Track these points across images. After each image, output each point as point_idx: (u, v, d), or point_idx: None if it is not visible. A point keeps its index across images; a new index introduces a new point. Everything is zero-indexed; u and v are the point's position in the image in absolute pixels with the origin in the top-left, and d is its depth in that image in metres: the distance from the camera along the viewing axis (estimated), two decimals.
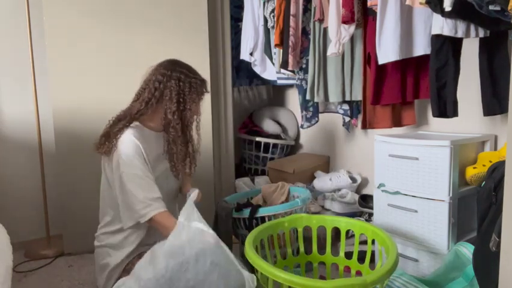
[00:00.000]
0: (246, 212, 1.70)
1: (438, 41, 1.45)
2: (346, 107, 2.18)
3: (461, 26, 1.38)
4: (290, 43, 2.04)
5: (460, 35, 1.39)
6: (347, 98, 2.04)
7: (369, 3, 1.61)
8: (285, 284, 1.04)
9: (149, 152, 1.40)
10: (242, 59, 2.50)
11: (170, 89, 1.40)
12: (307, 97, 2.10)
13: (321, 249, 1.52)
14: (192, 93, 1.43)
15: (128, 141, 1.36)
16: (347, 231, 1.46)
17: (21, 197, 2.18)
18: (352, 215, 2.08)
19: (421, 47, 1.58)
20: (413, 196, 1.55)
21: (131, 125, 1.42)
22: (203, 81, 1.48)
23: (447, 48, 1.45)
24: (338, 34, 1.73)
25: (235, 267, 1.09)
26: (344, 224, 1.45)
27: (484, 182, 1.24)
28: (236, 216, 1.71)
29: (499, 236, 0.88)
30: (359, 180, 2.30)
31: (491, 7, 1.15)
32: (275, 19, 2.16)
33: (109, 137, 1.40)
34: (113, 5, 1.98)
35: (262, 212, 1.69)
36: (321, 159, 2.60)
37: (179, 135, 1.44)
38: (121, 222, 1.39)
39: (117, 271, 1.43)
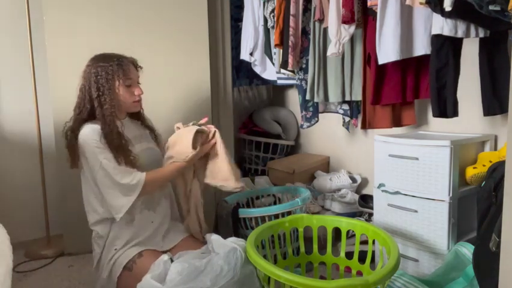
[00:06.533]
0: (251, 211, 1.71)
1: (438, 41, 1.45)
2: (346, 107, 2.18)
3: (461, 26, 1.38)
4: (290, 43, 2.04)
5: (460, 35, 1.39)
6: (347, 98, 2.04)
7: (369, 3, 1.61)
8: (287, 284, 1.04)
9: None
10: (242, 59, 2.49)
11: (93, 86, 1.40)
12: (307, 97, 2.10)
13: (322, 249, 1.52)
14: (109, 80, 1.40)
15: (86, 135, 1.39)
16: (346, 232, 1.46)
17: (22, 197, 2.18)
18: (352, 215, 2.08)
19: (421, 47, 1.58)
20: (413, 196, 1.55)
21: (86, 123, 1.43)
22: (119, 64, 1.43)
23: (447, 48, 1.45)
24: (338, 34, 1.73)
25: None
26: (345, 224, 1.45)
27: (484, 182, 1.24)
28: (242, 216, 1.73)
29: (499, 236, 0.88)
30: (359, 180, 2.30)
31: (491, 7, 1.15)
32: (275, 19, 2.16)
33: (72, 148, 1.44)
34: (113, 5, 1.98)
35: (261, 212, 1.69)
36: (321, 159, 2.60)
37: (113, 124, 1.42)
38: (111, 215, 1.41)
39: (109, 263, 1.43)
